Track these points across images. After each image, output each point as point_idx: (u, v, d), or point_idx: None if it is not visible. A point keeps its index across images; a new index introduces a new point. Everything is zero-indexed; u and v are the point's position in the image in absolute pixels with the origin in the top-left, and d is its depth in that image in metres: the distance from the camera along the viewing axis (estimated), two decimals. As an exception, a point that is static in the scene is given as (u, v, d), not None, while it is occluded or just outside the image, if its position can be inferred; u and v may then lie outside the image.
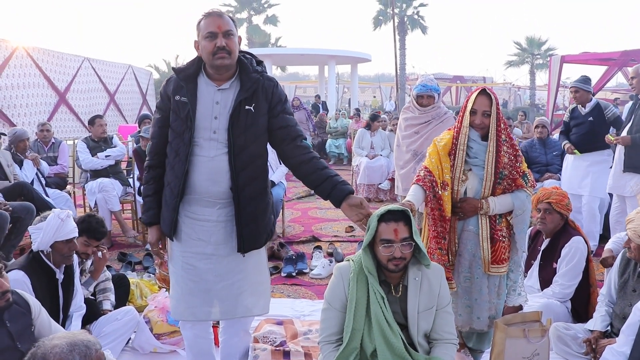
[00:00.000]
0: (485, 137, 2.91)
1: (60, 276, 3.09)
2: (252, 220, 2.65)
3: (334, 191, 2.58)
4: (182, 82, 2.60)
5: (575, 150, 5.67)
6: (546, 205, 3.62)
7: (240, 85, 2.62)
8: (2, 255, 2.45)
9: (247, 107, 2.60)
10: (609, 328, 3.18)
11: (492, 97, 2.86)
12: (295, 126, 2.72)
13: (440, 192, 2.90)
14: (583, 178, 5.71)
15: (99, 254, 3.64)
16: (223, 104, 2.60)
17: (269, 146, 2.79)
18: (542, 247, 3.77)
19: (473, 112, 2.89)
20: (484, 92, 2.89)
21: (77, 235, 3.13)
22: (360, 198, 2.56)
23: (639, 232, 2.91)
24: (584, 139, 5.65)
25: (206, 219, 2.66)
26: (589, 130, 5.61)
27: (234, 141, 2.58)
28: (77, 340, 1.80)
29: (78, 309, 3.25)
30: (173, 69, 2.69)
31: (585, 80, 5.70)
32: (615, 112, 5.69)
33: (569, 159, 5.92)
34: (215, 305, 2.69)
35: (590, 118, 5.61)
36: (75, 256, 3.27)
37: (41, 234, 2.98)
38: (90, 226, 3.53)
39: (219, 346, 3.54)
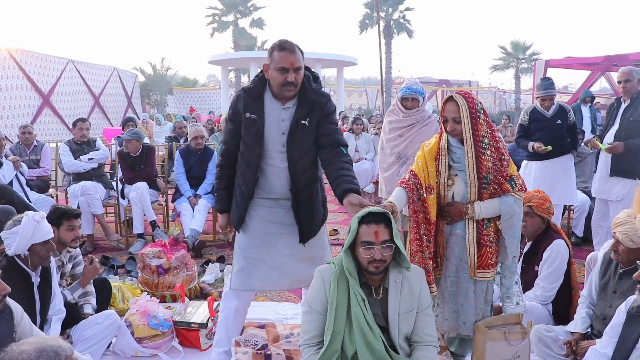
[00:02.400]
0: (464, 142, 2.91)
1: (36, 279, 3.06)
2: (310, 217, 3.11)
3: (338, 188, 2.85)
4: (251, 101, 2.99)
5: (545, 147, 5.39)
6: (527, 208, 3.63)
7: (299, 104, 3.00)
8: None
9: (303, 122, 2.98)
10: (589, 330, 3.20)
11: (461, 102, 2.83)
12: (334, 134, 3.04)
13: (425, 195, 2.90)
14: (552, 184, 5.49)
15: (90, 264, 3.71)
16: (287, 121, 3.00)
17: None
18: (524, 250, 3.79)
19: (445, 120, 2.91)
20: (451, 98, 2.88)
21: (53, 235, 3.11)
22: (360, 199, 2.72)
23: (631, 236, 2.90)
24: (553, 144, 5.43)
25: (280, 206, 3.12)
26: (557, 134, 5.49)
27: (291, 153, 3.00)
28: (46, 346, 1.76)
29: (57, 312, 3.21)
30: (242, 89, 3.07)
31: (553, 82, 5.60)
32: (573, 117, 5.62)
33: (532, 166, 5.71)
34: (287, 276, 3.14)
35: (559, 121, 5.49)
36: (53, 259, 3.24)
37: (17, 238, 2.93)
38: (63, 210, 3.60)
39: (201, 349, 3.54)
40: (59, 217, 3.53)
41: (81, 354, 2.72)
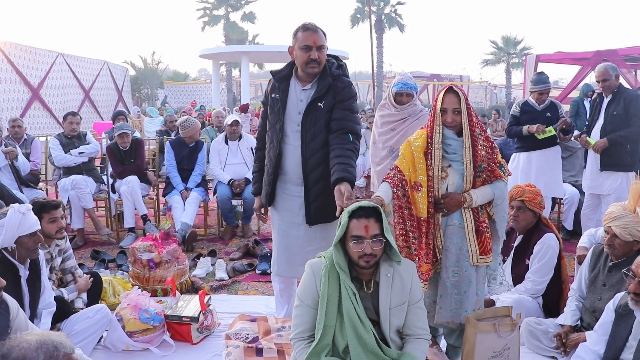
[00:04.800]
0: (460, 134, 2.92)
1: (24, 272, 3.03)
2: (318, 198, 3.19)
3: (333, 176, 2.98)
4: (276, 82, 3.27)
5: (547, 130, 5.46)
6: (519, 203, 3.64)
7: (317, 86, 3.17)
8: None
9: (319, 104, 3.15)
10: (579, 322, 3.23)
11: (460, 93, 2.88)
12: (345, 120, 3.15)
13: (409, 192, 2.90)
14: (538, 175, 5.57)
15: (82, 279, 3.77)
16: (305, 102, 3.19)
17: (239, 147, 3.12)
18: (515, 244, 3.80)
19: (444, 111, 2.89)
20: (450, 89, 2.90)
21: (39, 227, 3.09)
22: (347, 189, 2.83)
23: (630, 229, 2.91)
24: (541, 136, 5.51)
25: (296, 194, 3.28)
26: (546, 126, 5.52)
27: (305, 133, 3.17)
28: (48, 340, 1.76)
29: (47, 306, 3.19)
30: (271, 72, 3.33)
31: (548, 77, 5.69)
32: (563, 113, 5.70)
33: (519, 157, 5.77)
34: (301, 265, 3.02)
35: (548, 114, 5.60)
36: (41, 252, 3.22)
37: (3, 231, 2.91)
38: (41, 203, 3.56)
39: (192, 343, 3.54)
40: (38, 210, 3.45)
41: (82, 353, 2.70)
